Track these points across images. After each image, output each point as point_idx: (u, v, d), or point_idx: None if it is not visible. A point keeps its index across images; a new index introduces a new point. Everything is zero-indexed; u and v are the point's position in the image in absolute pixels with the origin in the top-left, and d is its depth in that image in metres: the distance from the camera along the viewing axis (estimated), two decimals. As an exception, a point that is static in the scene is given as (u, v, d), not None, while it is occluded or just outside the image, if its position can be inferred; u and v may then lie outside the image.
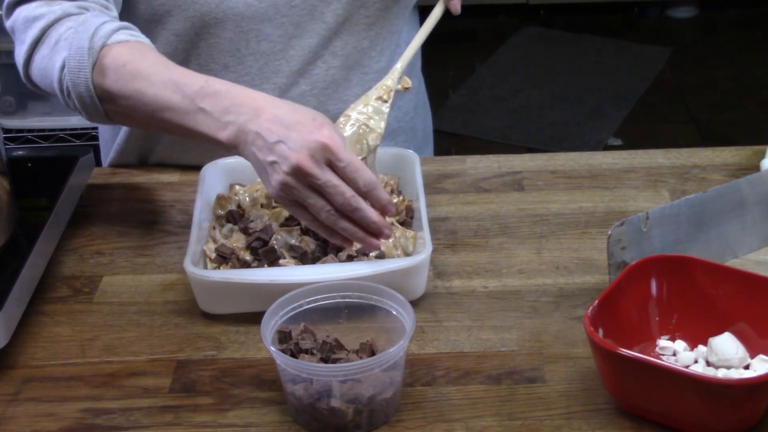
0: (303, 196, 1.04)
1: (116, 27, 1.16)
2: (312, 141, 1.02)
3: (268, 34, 1.32)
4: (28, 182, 1.26)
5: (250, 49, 1.32)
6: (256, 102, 1.07)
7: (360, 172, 1.04)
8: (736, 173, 1.33)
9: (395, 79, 1.20)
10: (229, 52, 1.32)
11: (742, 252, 1.18)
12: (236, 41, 1.31)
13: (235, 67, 1.33)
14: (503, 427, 0.97)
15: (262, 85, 1.34)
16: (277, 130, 1.04)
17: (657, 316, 1.04)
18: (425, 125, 1.56)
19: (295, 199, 1.05)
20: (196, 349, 1.09)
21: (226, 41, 1.31)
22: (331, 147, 1.02)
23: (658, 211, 1.11)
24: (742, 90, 3.59)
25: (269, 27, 1.31)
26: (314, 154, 1.02)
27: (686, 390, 0.91)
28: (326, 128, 1.04)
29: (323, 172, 1.02)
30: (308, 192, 1.04)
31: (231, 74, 1.33)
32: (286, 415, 1.00)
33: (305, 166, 1.02)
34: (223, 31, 1.30)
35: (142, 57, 1.14)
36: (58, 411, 1.02)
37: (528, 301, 1.13)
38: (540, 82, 3.66)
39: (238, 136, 1.06)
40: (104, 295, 1.17)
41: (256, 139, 1.05)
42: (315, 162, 1.02)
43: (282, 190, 1.04)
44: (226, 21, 1.30)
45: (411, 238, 1.17)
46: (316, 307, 1.03)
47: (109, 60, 1.13)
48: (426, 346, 1.08)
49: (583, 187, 1.33)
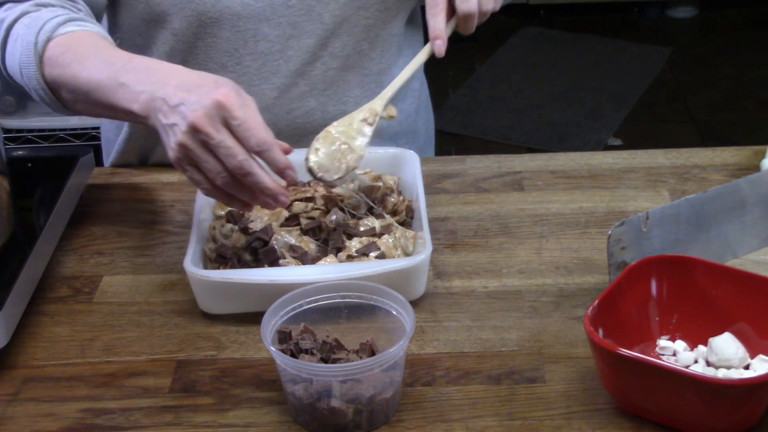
0: (199, 159, 1.04)
1: (64, 20, 1.18)
2: (208, 100, 1.03)
3: (265, 35, 1.32)
4: (28, 182, 1.26)
5: (247, 49, 1.32)
6: (166, 71, 1.10)
7: (253, 131, 1.03)
8: (736, 173, 1.33)
9: (382, 104, 1.18)
10: (227, 52, 1.32)
11: (742, 252, 1.18)
12: (234, 41, 1.32)
13: (234, 67, 1.33)
14: (503, 427, 0.97)
15: (260, 85, 1.34)
16: (179, 94, 1.05)
17: (657, 316, 1.04)
18: (427, 127, 1.56)
19: (193, 163, 1.05)
20: (196, 349, 1.09)
21: (223, 41, 1.32)
22: (225, 104, 1.03)
23: (658, 211, 1.11)
24: (742, 90, 3.59)
25: (266, 27, 1.31)
26: (209, 112, 1.03)
27: (686, 390, 0.91)
28: (224, 88, 1.04)
29: (218, 131, 1.03)
30: (205, 154, 1.04)
31: (229, 74, 1.33)
32: (286, 415, 1.00)
33: (200, 124, 1.02)
34: (220, 30, 1.31)
35: (78, 44, 1.16)
36: (58, 411, 1.02)
37: (528, 301, 1.13)
38: (540, 82, 3.66)
39: (149, 105, 1.07)
40: (104, 295, 1.17)
41: (161, 105, 1.06)
42: (210, 120, 1.03)
43: (179, 152, 1.05)
44: (223, 20, 1.30)
45: (411, 238, 1.17)
46: (316, 307, 1.03)
47: (51, 52, 1.16)
48: (426, 346, 1.08)
49: (583, 187, 1.33)
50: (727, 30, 4.03)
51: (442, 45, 1.15)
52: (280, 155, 1.05)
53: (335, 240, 1.15)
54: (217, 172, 1.05)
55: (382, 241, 1.15)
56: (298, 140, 1.38)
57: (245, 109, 1.04)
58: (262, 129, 1.04)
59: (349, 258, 1.13)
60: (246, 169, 1.04)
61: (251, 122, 1.04)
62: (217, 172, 1.05)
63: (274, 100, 1.36)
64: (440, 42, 1.15)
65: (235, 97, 1.04)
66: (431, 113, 1.58)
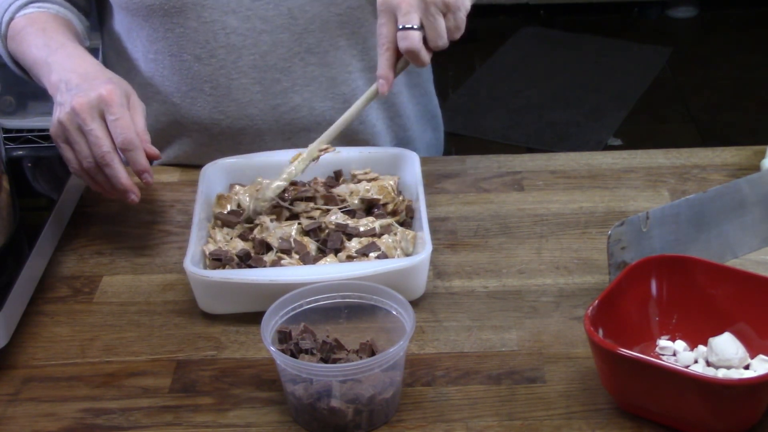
0: (72, 140, 1.18)
1: (25, 2, 1.34)
2: (95, 92, 1.17)
3: (235, 27, 1.32)
4: (28, 182, 1.26)
5: (218, 41, 1.33)
6: (78, 61, 1.24)
7: (124, 129, 1.16)
8: (736, 173, 1.33)
9: (315, 145, 1.22)
10: (199, 43, 1.33)
11: (742, 252, 1.18)
12: (203, 32, 1.33)
13: (208, 60, 1.34)
14: (503, 427, 0.97)
15: (240, 79, 1.35)
16: (77, 81, 1.20)
17: (657, 316, 1.04)
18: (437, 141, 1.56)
19: (67, 141, 1.19)
20: (196, 349, 1.09)
21: (191, 31, 1.33)
22: (107, 99, 1.16)
23: (658, 211, 1.11)
24: (742, 90, 3.59)
25: (234, 20, 1.32)
26: (91, 102, 1.16)
27: (686, 390, 0.91)
28: (112, 85, 1.18)
29: (92, 120, 1.16)
30: (78, 136, 1.17)
31: (206, 67, 1.34)
32: (286, 415, 1.00)
33: (79, 109, 1.16)
34: (186, 20, 1.32)
35: (32, 24, 1.32)
36: (58, 411, 1.02)
37: (528, 301, 1.13)
38: (540, 82, 3.66)
39: (55, 85, 1.22)
40: (104, 295, 1.17)
41: (62, 86, 1.20)
42: (90, 109, 1.16)
43: (58, 128, 1.19)
44: (186, 10, 1.31)
45: (411, 238, 1.17)
46: (316, 307, 1.03)
47: (11, 30, 1.33)
48: (426, 346, 1.08)
49: (583, 187, 1.33)
50: (727, 30, 4.03)
51: (385, 85, 1.17)
52: (141, 158, 1.17)
53: (334, 240, 1.15)
54: (85, 156, 1.17)
55: (382, 241, 1.15)
56: (289, 137, 1.38)
57: (124, 108, 1.17)
58: (131, 130, 1.16)
59: (349, 258, 1.13)
60: (107, 160, 1.16)
61: (124, 121, 1.16)
62: (85, 155, 1.17)
63: (258, 95, 1.36)
64: (383, 82, 1.16)
65: (119, 96, 1.17)
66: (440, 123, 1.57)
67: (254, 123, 1.37)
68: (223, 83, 1.35)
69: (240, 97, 1.36)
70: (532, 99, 3.56)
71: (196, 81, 1.36)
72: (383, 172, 1.27)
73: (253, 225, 1.19)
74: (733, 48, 3.87)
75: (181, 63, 1.35)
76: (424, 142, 1.51)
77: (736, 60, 3.78)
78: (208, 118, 1.37)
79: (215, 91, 1.36)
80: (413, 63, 1.15)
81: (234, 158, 1.29)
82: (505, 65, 3.79)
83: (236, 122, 1.37)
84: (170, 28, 1.33)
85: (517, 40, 3.96)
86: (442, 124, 1.58)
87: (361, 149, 1.30)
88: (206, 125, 1.38)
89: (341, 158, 1.27)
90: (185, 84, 1.36)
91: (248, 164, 1.28)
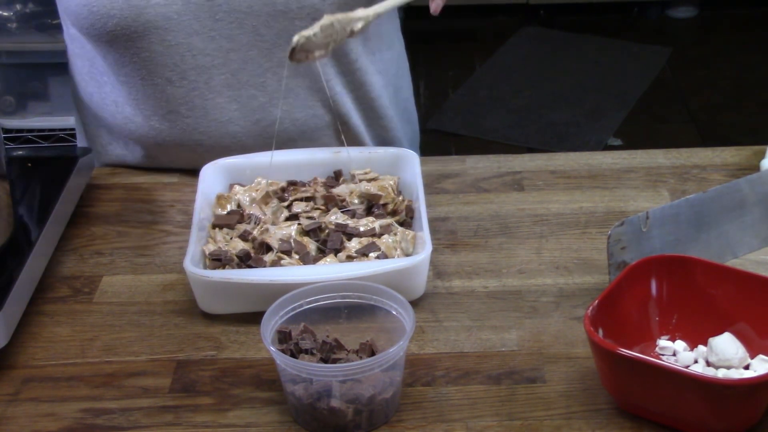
0: None
1: None
2: None
3: (201, 48, 1.30)
4: (28, 182, 1.26)
5: (187, 63, 1.31)
6: None
7: None
8: (736, 173, 1.33)
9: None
10: (167, 66, 1.31)
11: (742, 252, 1.18)
12: (170, 55, 1.30)
13: (180, 82, 1.32)
14: (503, 427, 0.97)
15: (215, 99, 1.33)
16: None
17: (657, 316, 1.04)
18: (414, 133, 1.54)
19: None
20: (196, 349, 1.09)
21: (158, 55, 1.30)
22: None
23: (658, 211, 1.11)
24: (742, 90, 3.59)
25: (199, 41, 1.30)
26: None
27: (686, 390, 0.91)
28: None
29: None
30: None
31: (179, 89, 1.32)
32: (286, 415, 1.00)
33: None
34: (150, 44, 1.29)
35: None
36: (58, 411, 1.02)
37: (528, 301, 1.13)
38: (540, 82, 3.66)
39: None
40: (104, 295, 1.17)
41: None
42: None
43: None
44: (149, 34, 1.28)
45: (411, 238, 1.17)
46: (316, 307, 1.03)
47: None
48: (426, 346, 1.08)
49: (583, 187, 1.33)
50: (727, 30, 4.03)
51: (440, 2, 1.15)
52: None
53: (334, 240, 1.15)
54: None
55: (382, 241, 1.15)
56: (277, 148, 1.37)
57: None
58: None
59: (349, 258, 1.13)
60: None
61: None
62: None
63: (237, 113, 1.34)
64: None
65: None
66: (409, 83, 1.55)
67: (238, 139, 1.36)
68: (198, 104, 1.33)
69: (218, 116, 1.34)
70: (532, 99, 3.56)
71: (171, 104, 1.34)
72: (383, 172, 1.27)
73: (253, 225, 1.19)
74: (733, 48, 3.87)
75: (153, 87, 1.33)
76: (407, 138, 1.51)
77: (736, 60, 3.78)
78: (190, 139, 1.36)
79: (192, 113, 1.34)
80: None
81: (234, 158, 1.29)
82: (505, 65, 3.79)
83: (220, 140, 1.36)
84: (136, 53, 1.30)
85: (517, 40, 3.95)
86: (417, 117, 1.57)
87: (361, 149, 1.30)
88: (190, 145, 1.36)
89: (341, 158, 1.27)
90: (161, 107, 1.34)
91: (248, 164, 1.28)
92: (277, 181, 1.25)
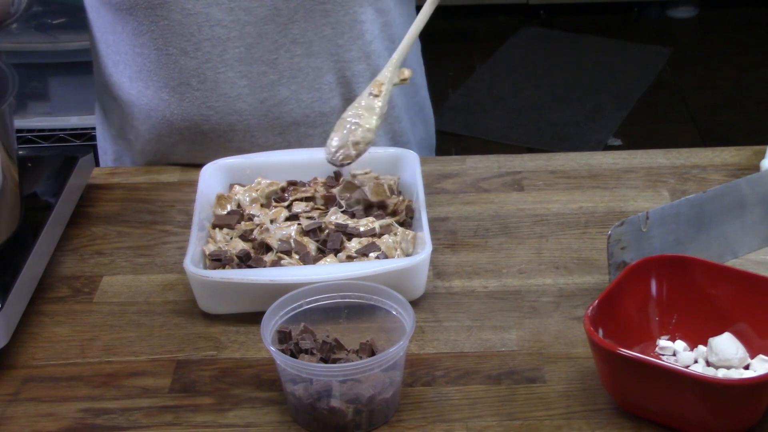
0: None
1: None
2: None
3: (219, 19, 1.32)
4: (28, 182, 1.26)
5: (203, 34, 1.33)
6: None
7: None
8: (736, 173, 1.33)
9: (390, 72, 1.19)
10: (183, 36, 1.33)
11: (742, 252, 1.18)
12: (187, 25, 1.32)
13: (194, 53, 1.34)
14: (503, 427, 0.97)
15: (226, 72, 1.34)
16: None
17: (657, 316, 1.04)
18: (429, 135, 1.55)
19: None
20: (196, 349, 1.09)
21: (176, 24, 1.32)
22: None
23: (658, 211, 1.11)
24: (742, 90, 3.59)
25: (218, 12, 1.32)
26: None
27: (686, 390, 0.91)
28: None
29: None
30: None
31: (192, 60, 1.34)
32: (286, 415, 1.00)
33: None
34: (169, 13, 1.32)
35: None
36: (58, 411, 1.02)
37: (528, 301, 1.13)
38: (540, 82, 3.66)
39: None
40: (104, 295, 1.17)
41: None
42: None
43: None
44: (170, 3, 1.31)
45: (411, 238, 1.17)
46: (316, 307, 1.03)
47: None
48: (426, 346, 1.08)
49: (583, 187, 1.33)
50: (727, 30, 4.03)
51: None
52: None
53: (334, 241, 1.15)
54: None
55: (382, 241, 1.15)
56: (280, 132, 1.38)
57: None
58: None
59: (349, 258, 1.13)
60: None
61: None
62: None
63: (246, 89, 1.35)
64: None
65: None
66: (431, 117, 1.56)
67: (244, 118, 1.37)
68: (210, 77, 1.35)
69: (228, 91, 1.35)
70: (532, 99, 3.56)
71: (183, 75, 1.35)
72: (383, 172, 1.26)
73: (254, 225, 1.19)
74: (733, 48, 3.87)
75: (167, 57, 1.34)
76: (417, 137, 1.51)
77: (736, 60, 3.78)
78: (197, 114, 1.37)
79: (203, 86, 1.35)
80: None
81: (234, 158, 1.29)
82: (505, 65, 3.79)
83: (226, 118, 1.37)
84: (154, 21, 1.32)
85: (517, 40, 3.96)
86: (433, 118, 1.58)
87: (361, 149, 1.30)
88: (196, 122, 1.37)
89: (341, 158, 1.27)
90: (172, 79, 1.36)
91: (248, 164, 1.28)
92: (277, 181, 1.25)
